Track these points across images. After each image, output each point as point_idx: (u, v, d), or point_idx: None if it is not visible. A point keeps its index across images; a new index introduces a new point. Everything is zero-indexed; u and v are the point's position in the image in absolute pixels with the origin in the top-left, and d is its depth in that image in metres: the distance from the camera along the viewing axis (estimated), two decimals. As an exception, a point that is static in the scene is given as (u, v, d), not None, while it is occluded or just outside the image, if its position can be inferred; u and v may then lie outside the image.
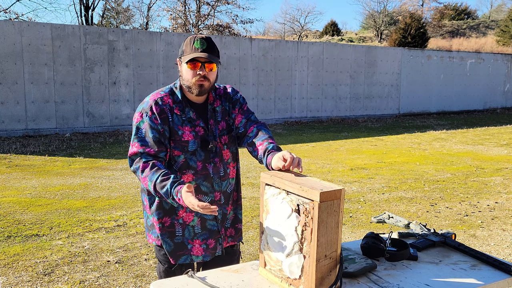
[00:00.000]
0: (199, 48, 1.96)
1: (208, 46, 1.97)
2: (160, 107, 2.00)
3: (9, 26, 10.47)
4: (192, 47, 1.97)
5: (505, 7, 50.40)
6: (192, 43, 1.97)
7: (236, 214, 2.23)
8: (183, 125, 2.03)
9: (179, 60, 2.05)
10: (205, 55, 1.94)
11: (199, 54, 1.94)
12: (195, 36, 2.00)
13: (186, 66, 1.98)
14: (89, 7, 27.27)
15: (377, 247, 1.90)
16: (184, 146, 2.03)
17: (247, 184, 6.47)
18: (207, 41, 1.98)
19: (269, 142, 2.00)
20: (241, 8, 40.00)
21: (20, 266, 3.66)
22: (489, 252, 4.11)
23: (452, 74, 18.27)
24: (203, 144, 2.06)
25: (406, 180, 6.86)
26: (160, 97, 2.03)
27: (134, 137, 2.00)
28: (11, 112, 10.58)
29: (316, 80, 15.11)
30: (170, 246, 2.09)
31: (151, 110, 1.99)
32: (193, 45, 1.96)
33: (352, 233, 4.55)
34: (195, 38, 1.98)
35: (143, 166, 1.92)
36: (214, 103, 2.12)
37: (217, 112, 2.12)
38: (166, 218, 2.08)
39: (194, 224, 2.09)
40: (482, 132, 12.80)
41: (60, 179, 6.63)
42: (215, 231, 2.13)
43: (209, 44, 1.98)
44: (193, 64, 1.96)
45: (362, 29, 48.94)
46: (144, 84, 12.12)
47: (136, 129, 1.99)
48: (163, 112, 2.00)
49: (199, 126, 2.05)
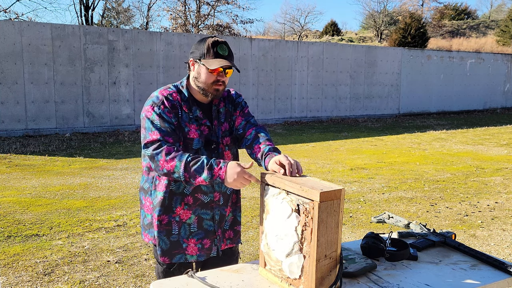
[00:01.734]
0: (222, 55, 1.99)
1: (229, 51, 2.02)
2: (171, 102, 2.02)
3: (9, 26, 10.47)
4: (215, 52, 1.99)
5: (505, 7, 50.42)
6: (214, 48, 1.99)
7: (235, 216, 2.23)
8: (190, 122, 2.05)
9: (193, 60, 2.05)
10: (231, 63, 1.99)
11: (225, 62, 1.98)
12: (215, 40, 2.01)
13: (207, 70, 2.00)
14: (89, 7, 27.27)
15: (377, 247, 1.90)
16: (188, 143, 2.04)
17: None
18: (227, 47, 2.03)
19: (266, 145, 2.01)
20: (241, 8, 40.02)
21: (20, 266, 3.66)
22: (489, 252, 4.11)
23: (452, 74, 18.27)
24: (207, 143, 2.08)
25: (406, 180, 6.85)
26: (169, 93, 2.05)
27: (150, 127, 1.97)
28: (11, 112, 10.58)
29: (316, 80, 15.11)
30: (166, 245, 2.09)
31: (163, 104, 2.00)
32: (217, 50, 1.99)
33: (352, 233, 4.55)
34: (218, 43, 2.00)
35: (167, 149, 1.91)
36: (218, 105, 2.15)
37: (221, 114, 2.15)
38: (163, 216, 2.08)
39: (191, 222, 2.09)
40: (482, 132, 12.80)
41: (60, 179, 6.63)
42: (211, 232, 2.13)
43: (229, 49, 2.03)
44: (216, 69, 2.00)
45: (362, 29, 48.94)
46: (144, 84, 12.11)
47: (151, 122, 1.98)
48: (175, 107, 2.02)
49: (205, 125, 2.08)
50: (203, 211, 2.10)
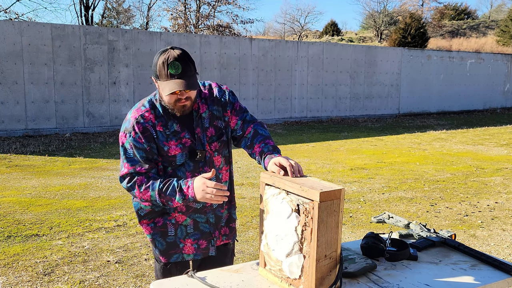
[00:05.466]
0: (175, 74, 1.82)
1: (183, 68, 1.83)
2: (142, 125, 1.92)
3: (9, 26, 10.47)
4: (167, 73, 1.82)
5: (505, 7, 50.43)
6: (166, 68, 1.82)
7: (231, 213, 2.21)
8: (168, 140, 1.96)
9: (154, 79, 1.91)
10: (183, 84, 1.82)
11: (178, 85, 1.81)
12: (168, 57, 1.83)
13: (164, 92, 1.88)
14: (89, 7, 27.27)
15: (377, 247, 1.90)
16: (172, 161, 1.98)
17: (247, 184, 6.47)
18: (181, 62, 1.82)
19: (265, 144, 1.98)
20: (241, 8, 39.96)
21: (20, 266, 3.66)
22: (489, 252, 4.11)
23: (452, 74, 18.27)
24: (192, 155, 2.00)
25: (406, 180, 6.85)
26: (141, 114, 1.93)
27: (123, 157, 1.96)
28: (11, 112, 10.58)
29: (316, 80, 15.11)
30: (163, 245, 2.09)
31: (134, 130, 1.92)
32: (168, 71, 1.82)
33: (352, 233, 4.55)
34: (168, 62, 1.81)
35: (140, 180, 1.92)
36: (199, 110, 2.02)
37: (204, 119, 2.02)
38: (158, 218, 2.07)
39: (187, 224, 2.08)
40: (482, 132, 12.80)
41: (60, 179, 6.63)
42: (207, 233, 2.11)
43: (183, 64, 1.83)
44: (172, 93, 1.88)
45: (362, 29, 48.94)
46: (144, 84, 12.11)
47: (124, 150, 1.96)
48: (146, 130, 1.92)
49: (185, 137, 1.98)
50: (197, 215, 2.08)
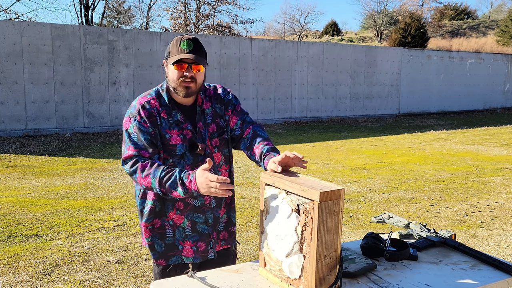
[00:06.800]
0: (186, 49, 1.92)
1: (195, 47, 1.94)
2: (147, 110, 1.97)
3: (9, 26, 10.47)
4: (178, 48, 1.93)
5: (505, 7, 50.42)
6: (178, 44, 1.93)
7: (230, 217, 2.18)
8: (171, 128, 1.98)
9: (165, 61, 2.01)
10: (192, 56, 1.91)
11: (186, 55, 1.91)
12: (182, 37, 1.95)
13: (172, 67, 1.94)
14: (89, 7, 27.26)
15: (377, 247, 1.90)
16: (171, 150, 1.99)
17: (247, 184, 6.47)
18: (194, 42, 1.94)
19: (264, 144, 1.98)
20: (241, 8, 39.96)
21: (20, 266, 3.66)
22: (489, 252, 4.11)
23: (452, 74, 18.27)
24: (192, 147, 2.01)
25: (406, 180, 6.85)
26: (147, 101, 1.99)
27: (127, 141, 1.96)
28: (11, 112, 10.58)
29: (316, 80, 15.11)
30: (161, 247, 2.08)
31: (139, 114, 1.95)
32: (180, 46, 1.93)
33: (352, 233, 4.55)
34: (182, 39, 1.94)
35: (142, 165, 1.89)
36: (203, 105, 2.07)
37: (207, 114, 2.07)
38: (156, 220, 2.06)
39: (185, 226, 2.06)
40: (482, 132, 12.80)
41: (60, 179, 6.62)
42: (205, 235, 2.09)
43: (196, 45, 1.94)
44: (180, 65, 1.93)
45: (362, 29, 48.94)
46: (144, 84, 12.11)
47: (128, 135, 1.96)
48: (152, 115, 1.96)
49: (187, 129, 2.01)
50: (196, 214, 2.06)
